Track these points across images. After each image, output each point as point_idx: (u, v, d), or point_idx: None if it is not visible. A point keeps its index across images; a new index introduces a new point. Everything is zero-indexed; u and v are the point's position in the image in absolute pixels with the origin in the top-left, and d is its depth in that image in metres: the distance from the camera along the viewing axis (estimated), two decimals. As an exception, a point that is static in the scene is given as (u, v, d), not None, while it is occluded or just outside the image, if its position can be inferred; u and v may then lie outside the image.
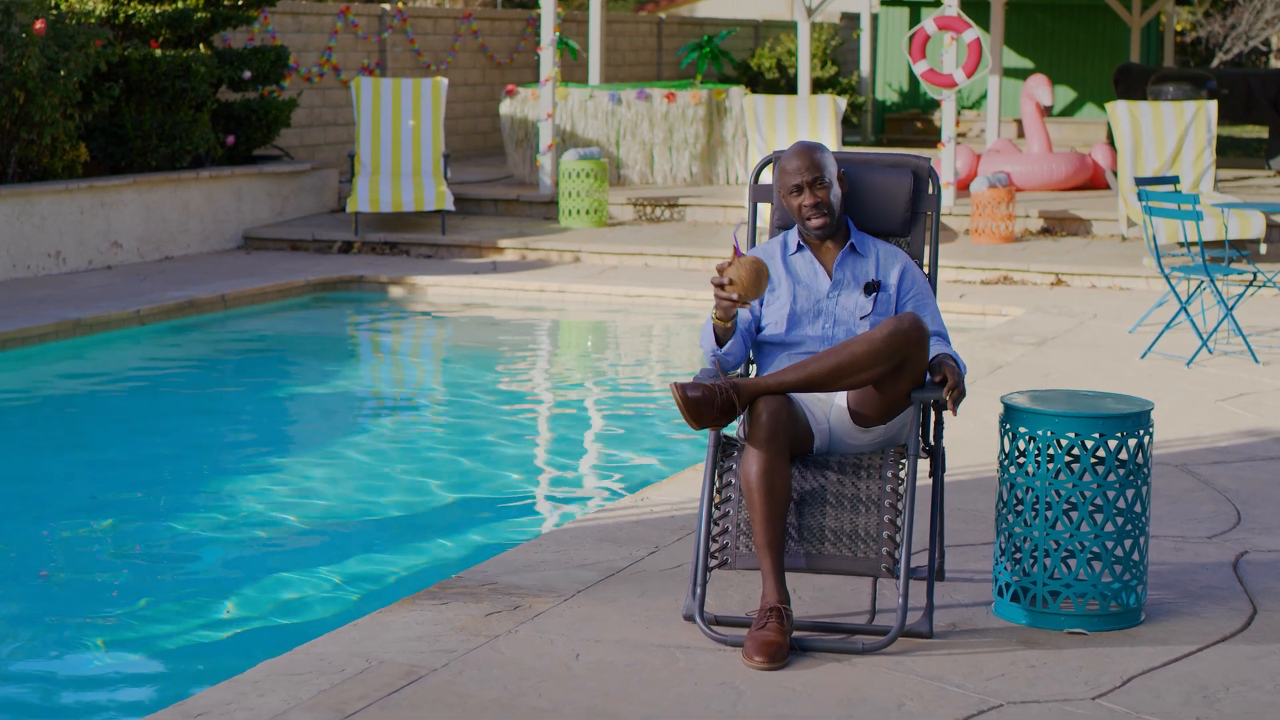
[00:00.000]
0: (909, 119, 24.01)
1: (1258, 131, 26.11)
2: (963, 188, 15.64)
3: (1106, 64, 23.84)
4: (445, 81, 15.05)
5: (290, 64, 15.84)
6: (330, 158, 17.30)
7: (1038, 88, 16.58)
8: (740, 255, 4.77)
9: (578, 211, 14.90)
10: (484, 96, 20.42)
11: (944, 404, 4.91)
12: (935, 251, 5.38)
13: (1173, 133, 13.43)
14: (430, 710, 4.36)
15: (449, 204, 14.29)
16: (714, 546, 4.94)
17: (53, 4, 13.51)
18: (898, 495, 4.91)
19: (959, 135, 16.39)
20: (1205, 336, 9.43)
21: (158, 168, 14.07)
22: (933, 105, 24.10)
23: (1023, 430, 5.04)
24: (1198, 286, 9.88)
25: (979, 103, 23.99)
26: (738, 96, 16.67)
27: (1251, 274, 9.63)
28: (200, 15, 14.56)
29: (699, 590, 4.91)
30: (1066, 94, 24.12)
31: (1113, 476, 5.00)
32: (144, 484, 7.69)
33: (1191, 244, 10.12)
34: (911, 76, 24.68)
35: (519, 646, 4.83)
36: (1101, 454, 5.01)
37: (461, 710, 4.37)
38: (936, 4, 23.09)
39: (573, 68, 21.20)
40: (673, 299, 12.34)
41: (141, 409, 9.35)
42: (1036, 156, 16.28)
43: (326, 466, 8.03)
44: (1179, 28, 30.03)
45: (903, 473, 4.94)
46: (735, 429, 5.22)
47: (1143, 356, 9.53)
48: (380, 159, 14.85)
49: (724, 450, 5.02)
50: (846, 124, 22.53)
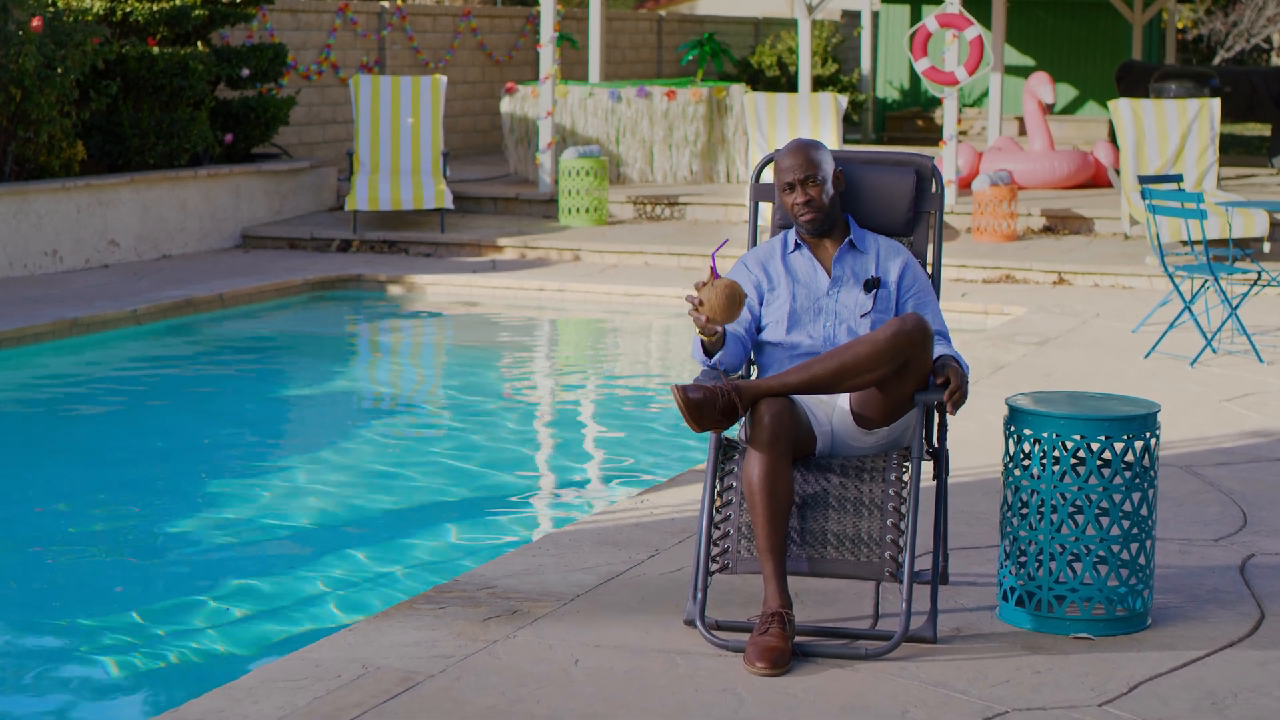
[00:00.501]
0: (910, 117, 23.95)
1: (1259, 129, 26.05)
2: (964, 186, 15.58)
3: (1108, 61, 23.78)
4: (444, 79, 14.99)
5: (289, 62, 15.78)
6: (329, 156, 17.23)
7: (1040, 85, 16.51)
8: (717, 277, 4.70)
9: (577, 210, 14.84)
10: (483, 94, 20.36)
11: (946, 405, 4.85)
12: (939, 251, 5.31)
13: (1175, 131, 13.37)
14: (426, 717, 4.30)
15: (448, 202, 14.23)
16: (715, 551, 4.87)
17: (50, 1, 13.45)
18: (901, 498, 4.85)
19: (960, 133, 16.32)
20: (1209, 336, 9.37)
21: (155, 166, 14.01)
22: (934, 103, 24.04)
23: (1028, 432, 4.98)
24: (1201, 285, 9.81)
25: (980, 100, 23.93)
26: (738, 94, 16.61)
27: (1256, 273, 9.57)
28: (198, 13, 14.50)
29: (700, 595, 4.85)
30: (1068, 92, 24.07)
31: (1119, 479, 4.94)
32: (139, 485, 7.63)
33: (1195, 242, 10.08)
34: (912, 74, 24.62)
35: (517, 652, 4.77)
36: (1107, 456, 4.94)
37: (458, 717, 4.31)
38: (938, 1, 23.03)
39: (573, 65, 21.14)
40: (673, 298, 12.28)
41: (138, 409, 9.29)
42: (1038, 154, 16.22)
43: (323, 468, 7.97)
44: (1181, 25, 29.98)
45: (906, 475, 4.88)
46: (736, 431, 5.16)
47: (1146, 356, 9.46)
48: (379, 157, 14.79)
49: (725, 453, 4.95)
50: (847, 122, 22.47)
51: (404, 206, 14.21)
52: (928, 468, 5.54)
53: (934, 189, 5.32)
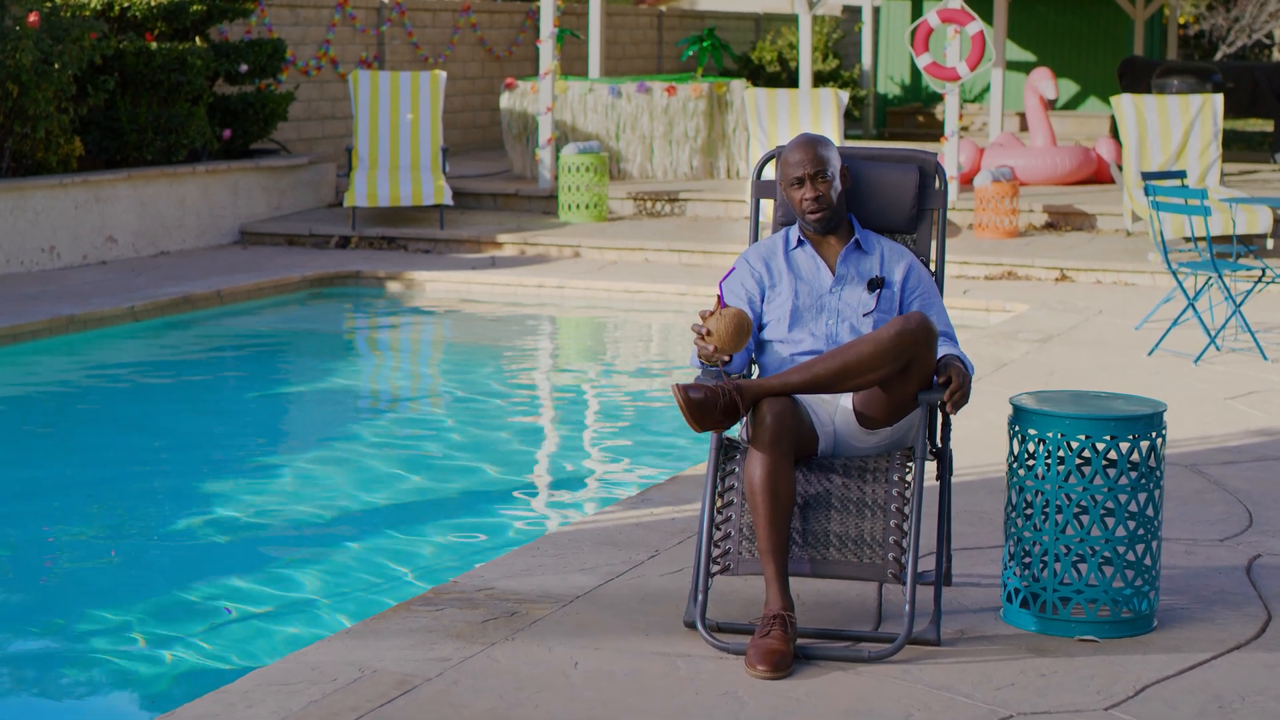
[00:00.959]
0: (911, 113, 23.87)
1: (1261, 125, 25.99)
2: (966, 182, 15.51)
3: (1109, 57, 23.71)
4: (444, 75, 14.93)
5: (287, 57, 15.71)
6: (328, 152, 17.17)
7: (1042, 81, 16.44)
8: (724, 306, 4.64)
9: (577, 206, 14.78)
10: (483, 90, 20.29)
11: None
12: (942, 249, 5.25)
13: (1178, 126, 13.30)
14: (424, 722, 4.25)
15: (447, 198, 14.16)
16: (716, 552, 4.82)
17: (47, -4, 13.39)
18: (904, 499, 4.79)
19: (962, 129, 16.26)
20: (1214, 333, 9.31)
21: (153, 162, 13.95)
22: (935, 99, 23.98)
23: (1032, 432, 4.92)
24: (1205, 282, 9.75)
25: (982, 96, 23.86)
26: (739, 90, 16.54)
27: (1260, 270, 9.50)
28: (196, 8, 14.43)
29: (700, 597, 4.79)
30: (1069, 87, 24.00)
31: (1124, 480, 4.88)
32: (136, 483, 7.57)
33: (1198, 239, 10.01)
34: (913, 70, 24.56)
35: (515, 655, 4.71)
36: (1113, 456, 4.89)
37: (456, 722, 4.26)
38: (938, -3, 22.96)
39: (573, 60, 21.08)
40: (673, 294, 12.22)
41: (135, 407, 9.23)
42: (1040, 150, 16.15)
43: (320, 467, 7.91)
44: (1182, 20, 29.91)
45: (909, 476, 4.82)
46: (738, 431, 5.10)
47: (1150, 354, 9.40)
48: (378, 153, 14.73)
49: (726, 453, 4.89)
50: (848, 118, 22.39)
51: (403, 202, 14.15)
52: (931, 468, 5.48)
53: (937, 185, 5.26)
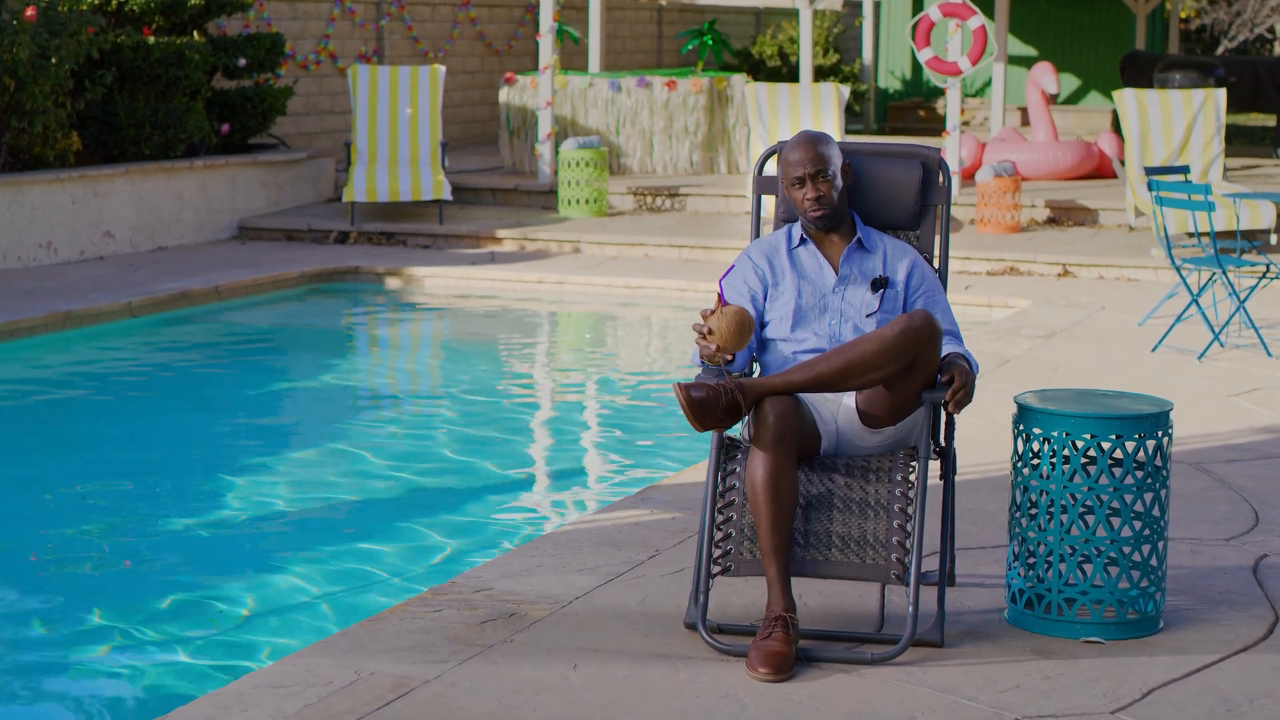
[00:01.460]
0: (912, 107, 23.79)
1: (1262, 119, 25.91)
2: (967, 177, 15.45)
3: (1110, 51, 23.63)
4: (443, 69, 14.86)
5: (286, 51, 15.64)
6: (326, 146, 17.10)
7: (1043, 75, 16.37)
8: (725, 304, 4.57)
9: (577, 201, 14.72)
10: (482, 84, 20.22)
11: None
12: (946, 245, 5.19)
13: (1181, 121, 13.24)
14: (421, 726, 4.20)
15: (446, 193, 14.11)
16: (717, 553, 4.76)
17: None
18: (908, 499, 4.73)
19: (963, 123, 16.17)
20: (1218, 330, 9.25)
21: (151, 157, 13.88)
22: (936, 93, 23.90)
23: (1037, 431, 4.86)
24: (1209, 278, 9.69)
25: (983, 90, 23.78)
26: (739, 84, 16.48)
27: (1264, 265, 9.44)
28: (194, 2, 14.36)
29: (701, 598, 4.74)
30: (1070, 82, 23.92)
31: (1130, 479, 4.82)
32: (131, 481, 7.52)
33: (1202, 234, 9.95)
34: (914, 64, 24.48)
35: (514, 657, 4.65)
36: (1119, 456, 4.83)
37: (453, 726, 4.20)
38: (939, -9, 22.86)
39: (573, 55, 21.00)
40: (673, 290, 12.16)
41: (132, 403, 9.17)
42: (1042, 145, 16.09)
43: (317, 464, 7.85)
44: (1184, 15, 29.84)
45: (913, 476, 4.76)
46: (739, 430, 5.04)
47: (1153, 350, 9.34)
48: (377, 148, 14.67)
49: (728, 452, 4.83)
50: (848, 112, 22.34)
51: (402, 198, 14.09)
52: (934, 467, 5.43)
53: (941, 181, 5.20)
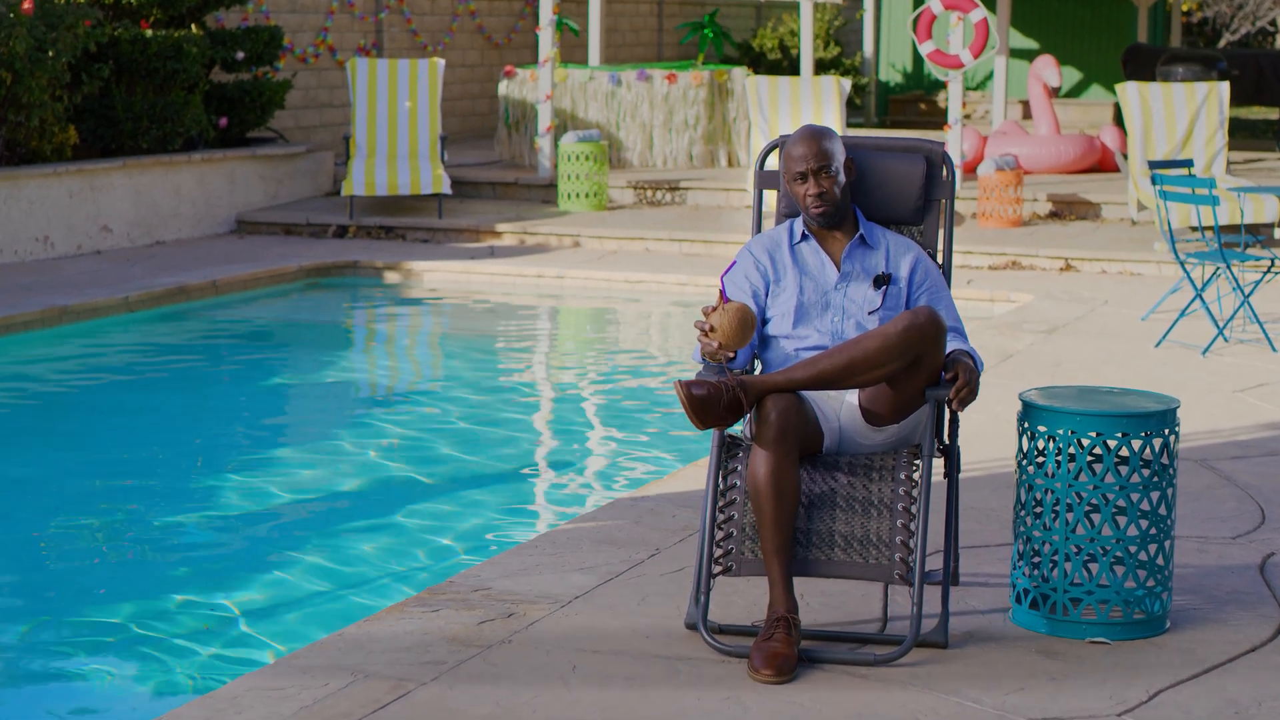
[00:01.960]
0: (913, 100, 23.73)
1: (1265, 113, 25.85)
2: (969, 170, 15.38)
3: (1112, 45, 23.56)
4: (442, 62, 14.79)
5: (285, 44, 15.58)
6: (325, 140, 17.03)
7: (1046, 69, 16.30)
8: (726, 301, 4.51)
9: (577, 195, 14.65)
10: (482, 78, 20.16)
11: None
12: (949, 241, 5.13)
13: (1184, 114, 13.17)
14: (418, 729, 4.14)
15: (446, 187, 14.04)
16: (718, 552, 4.70)
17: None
18: (911, 498, 4.67)
19: (965, 117, 16.10)
20: (1222, 324, 9.18)
21: (149, 150, 13.82)
22: (937, 86, 23.83)
23: (1042, 429, 4.80)
24: (1213, 273, 9.63)
25: (984, 84, 23.71)
26: (740, 78, 16.41)
27: (1269, 259, 9.38)
28: (192, -5, 14.31)
29: (702, 598, 4.68)
30: (1072, 75, 23.86)
31: (1136, 478, 4.76)
32: (129, 478, 7.46)
33: (1206, 229, 9.88)
34: (916, 57, 24.41)
35: (513, 658, 4.59)
36: (1125, 454, 4.77)
37: (451, 729, 4.14)
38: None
39: (573, 48, 20.93)
40: (674, 285, 12.09)
41: (129, 399, 9.12)
42: (1044, 139, 16.02)
43: (314, 461, 7.79)
44: (1186, 7, 29.75)
45: (916, 474, 4.70)
46: (741, 428, 4.98)
47: (1157, 345, 9.28)
48: (376, 141, 14.60)
49: (729, 450, 4.77)
50: (849, 105, 22.24)
51: (401, 191, 14.03)
52: (938, 465, 5.36)
53: (944, 176, 5.14)
